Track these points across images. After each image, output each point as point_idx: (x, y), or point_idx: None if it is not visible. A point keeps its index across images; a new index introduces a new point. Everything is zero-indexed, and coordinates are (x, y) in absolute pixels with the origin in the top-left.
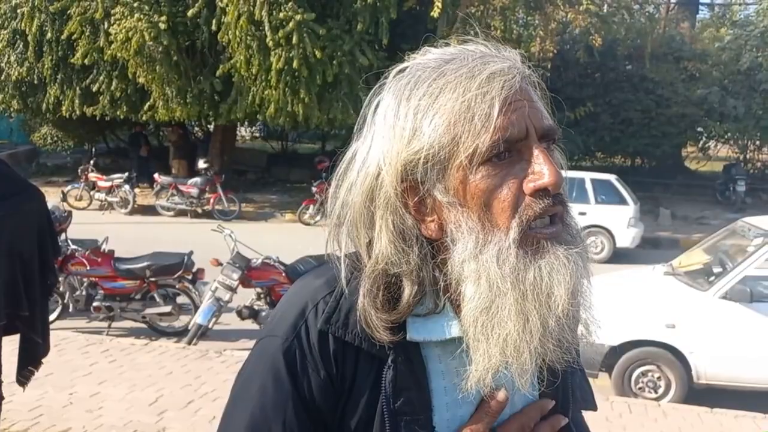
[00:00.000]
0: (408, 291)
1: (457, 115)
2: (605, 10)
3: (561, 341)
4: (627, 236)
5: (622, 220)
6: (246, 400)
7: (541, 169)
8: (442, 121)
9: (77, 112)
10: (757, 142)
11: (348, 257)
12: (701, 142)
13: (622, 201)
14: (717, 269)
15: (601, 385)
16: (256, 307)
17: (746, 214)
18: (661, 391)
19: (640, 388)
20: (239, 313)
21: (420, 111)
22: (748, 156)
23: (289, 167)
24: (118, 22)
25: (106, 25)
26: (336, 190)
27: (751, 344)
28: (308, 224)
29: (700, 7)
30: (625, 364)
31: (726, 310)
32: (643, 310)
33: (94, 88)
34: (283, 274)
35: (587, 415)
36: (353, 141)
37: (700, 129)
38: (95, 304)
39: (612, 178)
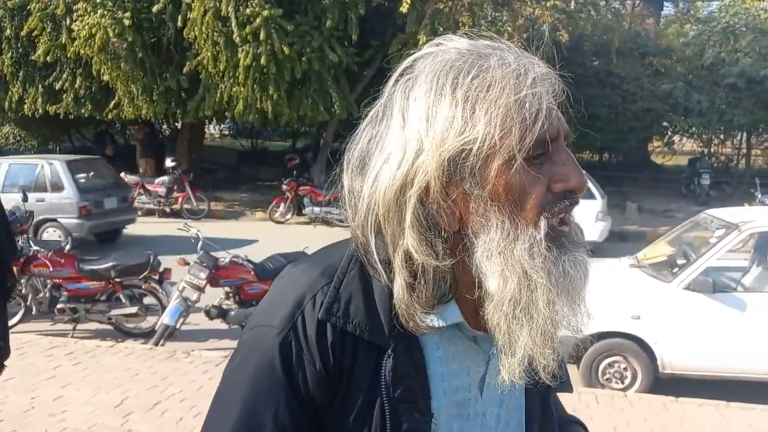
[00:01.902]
0: (433, 283)
1: (511, 110)
2: (572, 7)
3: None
4: (595, 230)
5: (590, 215)
6: (238, 392)
7: (570, 171)
8: (499, 113)
9: (40, 111)
10: (721, 136)
11: (345, 246)
12: (666, 137)
13: (590, 195)
14: (681, 261)
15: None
16: (224, 307)
17: (711, 206)
18: (627, 381)
19: (607, 379)
20: (207, 313)
21: (471, 101)
22: (712, 150)
23: (260, 165)
24: (80, 18)
25: (68, 22)
26: (352, 179)
27: (714, 334)
28: (279, 222)
29: (665, 3)
30: (592, 356)
31: (690, 300)
32: (609, 302)
33: (57, 86)
34: (252, 273)
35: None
36: (366, 124)
37: (665, 123)
38: (59, 306)
39: None
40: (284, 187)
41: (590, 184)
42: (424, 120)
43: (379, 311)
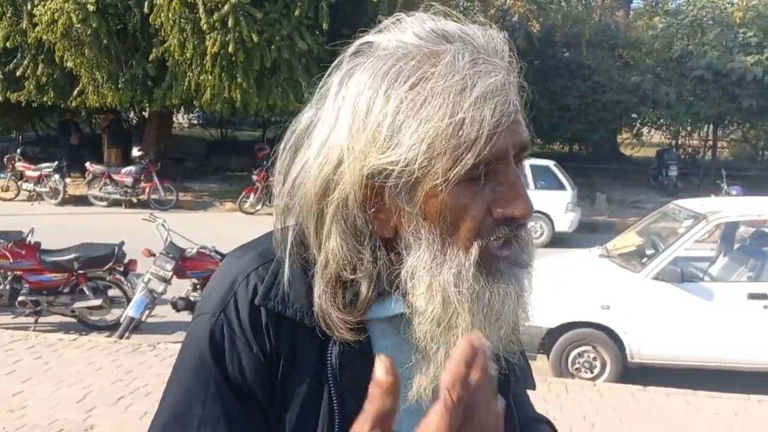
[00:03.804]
0: (365, 290)
1: (442, 134)
2: None
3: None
4: (565, 221)
5: (560, 205)
6: (171, 383)
7: (514, 197)
8: (425, 137)
9: (0, 99)
10: (688, 128)
11: (286, 230)
12: (635, 129)
13: (561, 186)
14: (649, 251)
15: (539, 367)
16: (192, 299)
17: (678, 197)
18: (597, 371)
19: (576, 369)
20: (174, 305)
21: (401, 115)
22: (679, 142)
23: (229, 155)
24: (42, 3)
25: (29, 6)
26: (286, 163)
27: (681, 323)
28: (249, 213)
29: None
30: (562, 346)
31: (658, 290)
32: (578, 292)
33: (19, 73)
34: (220, 264)
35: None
36: (311, 105)
37: (634, 115)
38: (20, 298)
39: (551, 164)
40: (254, 177)
41: (560, 175)
42: (352, 125)
43: None
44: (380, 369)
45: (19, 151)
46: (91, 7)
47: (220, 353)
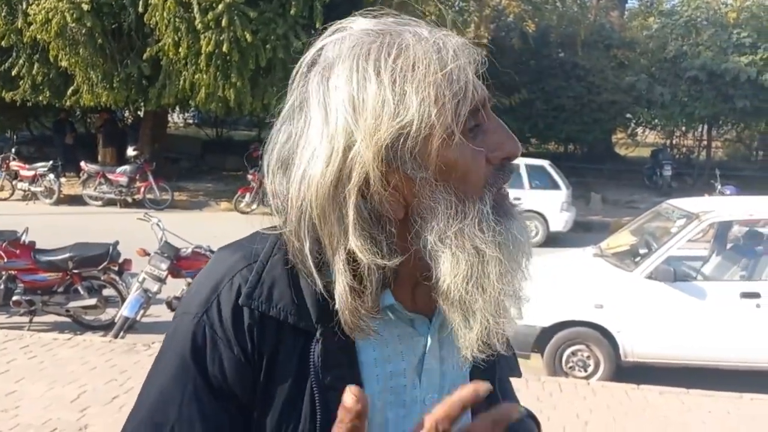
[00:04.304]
0: (377, 278)
1: (441, 86)
2: None
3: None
4: (560, 220)
5: (555, 205)
6: (151, 383)
7: (504, 138)
8: (429, 92)
9: None
10: (683, 129)
11: (273, 230)
12: (630, 129)
13: (555, 186)
14: (643, 250)
15: (533, 365)
16: None
17: (672, 197)
18: (590, 369)
19: (570, 368)
20: (169, 305)
21: (399, 82)
22: (674, 142)
23: (225, 155)
24: (37, 2)
25: (24, 5)
26: (276, 182)
27: (674, 322)
28: (245, 212)
29: None
30: (556, 345)
31: (651, 289)
32: (572, 291)
33: (14, 72)
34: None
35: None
36: (281, 124)
37: (629, 115)
38: (15, 298)
39: (545, 163)
40: (249, 176)
41: (555, 175)
42: (350, 109)
43: (304, 296)
44: (349, 397)
45: (13, 150)
46: (85, 7)
47: (201, 354)
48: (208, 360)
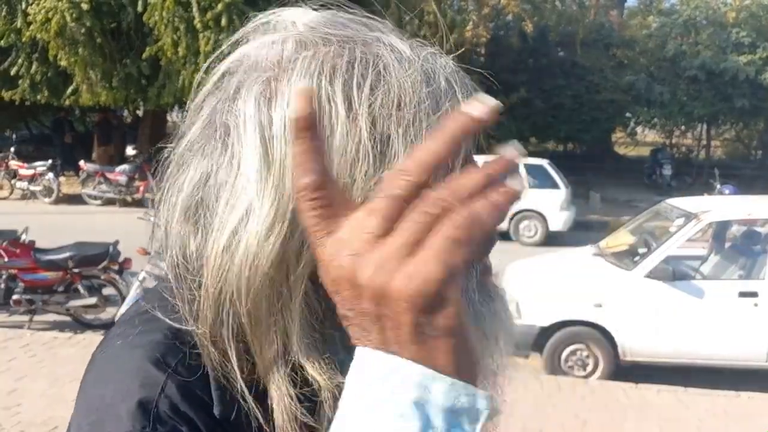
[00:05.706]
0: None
1: (430, 130)
2: None
3: None
4: (559, 219)
5: (554, 204)
6: None
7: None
8: (416, 139)
9: None
10: (682, 128)
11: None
12: (629, 128)
13: (555, 185)
14: (642, 249)
15: (532, 365)
16: None
17: (672, 196)
18: (589, 368)
19: (570, 367)
20: None
21: (381, 122)
22: (673, 141)
23: None
24: (36, 1)
25: (23, 5)
26: (185, 237)
27: (673, 321)
28: None
29: None
30: (555, 344)
31: (650, 288)
32: (571, 291)
33: (13, 72)
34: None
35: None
36: (191, 154)
37: (628, 114)
38: (15, 297)
39: (545, 162)
40: None
41: (554, 174)
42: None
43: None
44: (298, 104)
45: (12, 149)
46: (84, 6)
47: None
48: None
